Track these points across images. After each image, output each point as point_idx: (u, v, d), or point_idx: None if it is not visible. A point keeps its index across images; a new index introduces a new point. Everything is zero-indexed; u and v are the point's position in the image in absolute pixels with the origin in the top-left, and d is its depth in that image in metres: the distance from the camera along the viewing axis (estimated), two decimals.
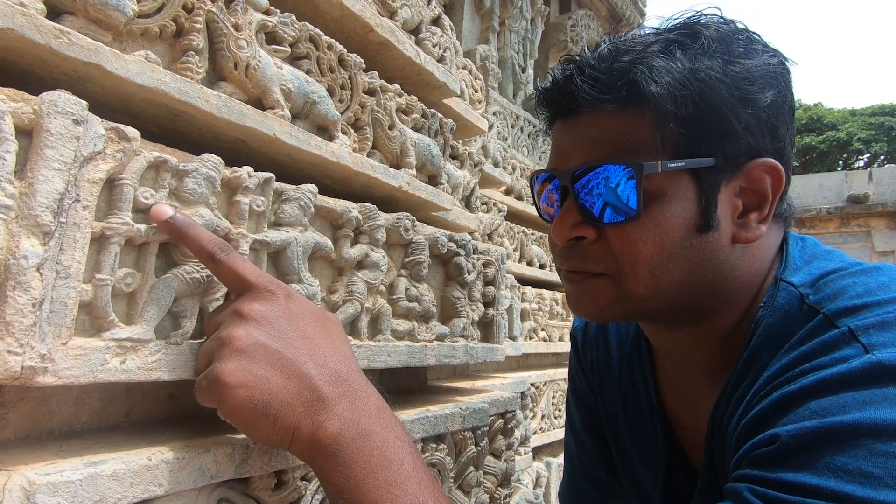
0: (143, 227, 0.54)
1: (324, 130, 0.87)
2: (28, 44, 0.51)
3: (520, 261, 2.76)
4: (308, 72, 0.84)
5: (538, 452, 2.59)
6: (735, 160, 0.60)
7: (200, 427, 0.64)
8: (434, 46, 1.19)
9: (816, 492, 0.46)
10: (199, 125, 0.69)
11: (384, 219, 0.87)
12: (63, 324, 0.47)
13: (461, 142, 1.75)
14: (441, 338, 0.98)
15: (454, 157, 1.64)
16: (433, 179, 1.13)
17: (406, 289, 0.91)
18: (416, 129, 1.08)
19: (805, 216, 11.41)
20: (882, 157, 20.62)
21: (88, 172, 0.50)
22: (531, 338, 2.64)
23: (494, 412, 1.10)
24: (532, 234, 2.89)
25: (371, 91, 0.96)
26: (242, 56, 0.71)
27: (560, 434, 2.64)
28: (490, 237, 2.44)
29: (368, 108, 0.95)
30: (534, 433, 2.45)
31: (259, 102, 0.75)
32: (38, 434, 0.56)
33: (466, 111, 1.48)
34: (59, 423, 0.58)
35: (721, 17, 0.63)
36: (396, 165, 1.00)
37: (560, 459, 2.64)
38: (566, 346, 2.86)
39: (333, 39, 0.89)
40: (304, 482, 0.65)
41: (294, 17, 0.81)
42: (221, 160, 0.62)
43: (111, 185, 0.53)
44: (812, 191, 11.81)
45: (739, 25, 0.63)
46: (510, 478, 1.12)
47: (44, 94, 0.48)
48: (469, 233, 1.35)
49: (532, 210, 2.90)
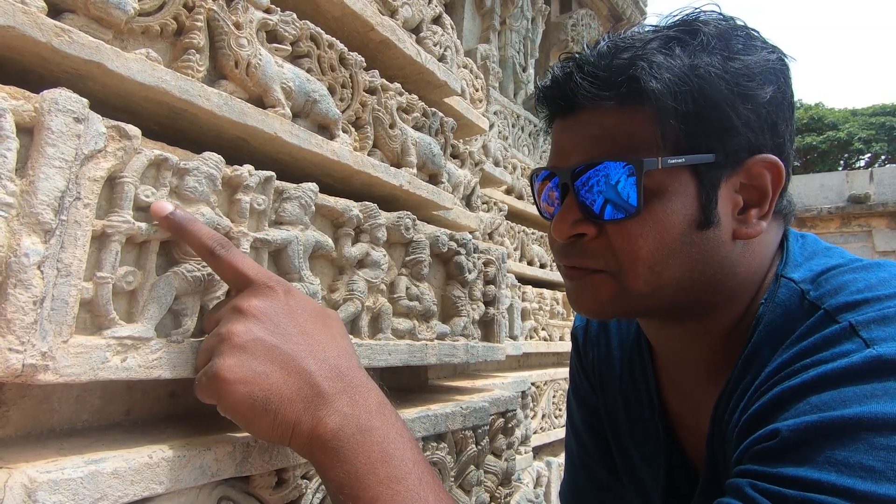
0: (144, 226, 0.54)
1: (325, 129, 0.87)
2: (29, 42, 0.51)
3: (520, 260, 2.76)
4: (309, 70, 0.84)
5: (539, 452, 2.59)
6: (735, 156, 0.60)
7: (201, 425, 0.64)
8: (435, 45, 1.19)
9: (817, 486, 0.45)
10: (200, 123, 0.69)
11: (385, 217, 0.87)
12: (64, 322, 0.47)
13: (462, 141, 1.75)
14: (442, 337, 0.98)
15: (455, 157, 1.64)
16: (434, 178, 1.13)
17: (407, 288, 0.91)
18: (417, 128, 1.08)
19: (806, 216, 11.40)
20: (883, 157, 20.59)
21: (89, 170, 0.50)
22: (532, 337, 2.64)
23: (495, 411, 1.10)
24: (533, 234, 2.89)
25: (372, 90, 0.96)
26: (243, 54, 0.71)
27: (560, 433, 2.64)
28: (491, 236, 2.44)
29: (369, 107, 0.95)
30: (534, 432, 2.45)
31: (260, 101, 0.75)
32: (40, 432, 0.56)
33: (467, 110, 1.48)
34: (60, 421, 0.58)
35: (720, 14, 0.63)
36: (397, 164, 1.00)
37: (560, 459, 2.64)
38: (567, 346, 2.86)
39: (334, 38, 0.89)
40: (305, 480, 0.65)
41: (295, 16, 0.81)
42: (222, 158, 0.63)
43: (112, 184, 0.53)
44: (813, 191, 11.80)
45: (738, 22, 0.63)
46: (511, 477, 1.12)
47: (45, 92, 0.48)
48: (470, 232, 1.35)
49: (533, 209, 2.90)
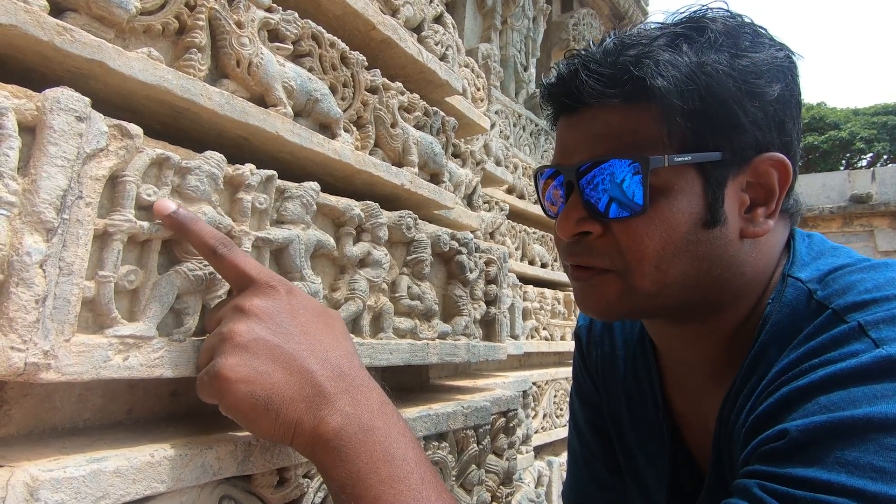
0: (146, 225, 0.54)
1: (326, 128, 0.87)
2: (31, 40, 0.51)
3: (521, 260, 2.76)
4: (310, 69, 0.84)
5: (540, 451, 2.59)
6: (742, 154, 0.59)
7: (203, 424, 0.64)
8: (436, 44, 1.19)
9: (827, 487, 0.45)
10: (202, 122, 0.69)
11: (386, 217, 0.87)
12: (66, 320, 0.47)
13: (463, 140, 1.75)
14: (443, 336, 0.98)
15: (456, 156, 1.64)
16: (435, 178, 1.12)
17: (408, 287, 0.91)
18: (419, 128, 1.08)
19: (808, 216, 11.38)
20: (885, 157, 20.55)
21: (91, 169, 0.50)
22: (533, 337, 2.64)
23: (496, 410, 1.09)
24: (534, 233, 2.88)
25: (373, 89, 0.96)
26: (245, 53, 0.71)
27: (562, 433, 2.64)
28: (492, 236, 2.44)
29: (371, 106, 0.95)
30: (535, 432, 2.45)
31: (261, 100, 0.75)
32: (42, 431, 0.56)
33: (468, 109, 1.48)
34: (62, 420, 0.58)
35: (727, 11, 0.63)
36: (399, 164, 1.00)
37: (562, 458, 2.64)
38: (568, 346, 2.86)
39: (336, 37, 0.89)
40: (307, 479, 0.65)
41: (296, 15, 0.81)
42: (224, 157, 0.62)
43: (114, 182, 0.53)
44: (815, 190, 11.78)
45: (746, 19, 0.62)
46: (512, 476, 1.11)
47: (47, 91, 0.48)
48: (471, 231, 1.35)
49: (534, 209, 2.90)
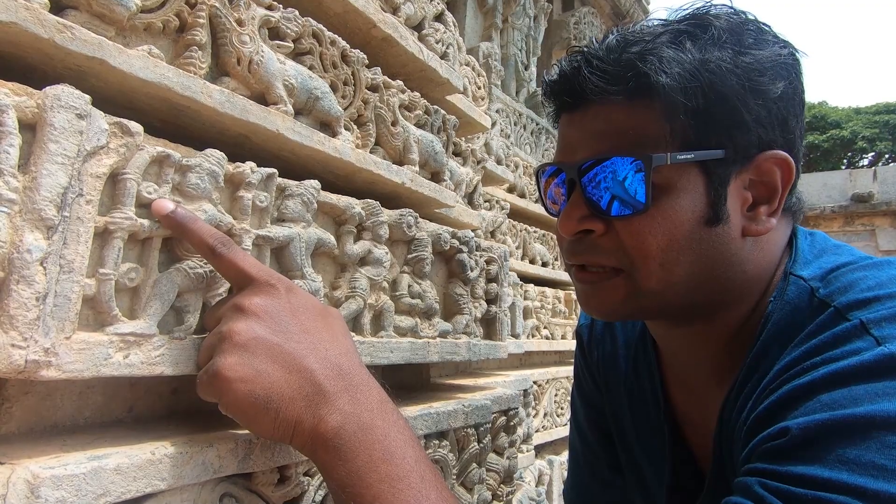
0: (147, 222, 0.54)
1: (327, 126, 0.87)
2: (31, 38, 0.51)
3: (522, 258, 2.75)
4: (311, 68, 0.84)
5: (540, 450, 2.59)
6: (745, 152, 0.59)
7: (203, 422, 0.64)
8: (437, 43, 1.18)
9: (828, 485, 0.45)
10: (203, 120, 0.69)
11: (387, 215, 0.87)
12: (66, 318, 0.47)
13: (464, 139, 1.75)
14: (444, 334, 0.98)
15: (457, 154, 1.64)
16: (436, 176, 1.12)
17: (409, 285, 0.91)
18: (419, 126, 1.08)
19: (809, 215, 11.36)
20: (887, 156, 20.51)
21: (92, 167, 0.50)
22: (534, 336, 2.64)
23: (497, 409, 1.09)
24: (535, 232, 2.88)
25: (374, 87, 0.96)
26: (245, 51, 0.71)
27: (562, 432, 2.64)
28: (493, 235, 2.44)
29: (371, 105, 0.95)
30: (536, 431, 2.45)
31: (262, 98, 0.75)
32: (42, 428, 0.56)
33: (469, 108, 1.48)
34: (63, 418, 0.58)
35: (731, 8, 0.62)
36: (399, 162, 1.00)
37: (562, 457, 2.64)
38: (569, 345, 2.86)
39: (336, 35, 0.89)
40: (307, 477, 0.65)
41: (297, 13, 0.81)
42: (224, 155, 0.62)
43: (114, 180, 0.53)
44: (816, 189, 11.76)
45: (749, 16, 0.62)
46: (513, 475, 1.11)
47: (47, 89, 0.48)
48: (472, 230, 1.35)
49: (535, 208, 2.90)
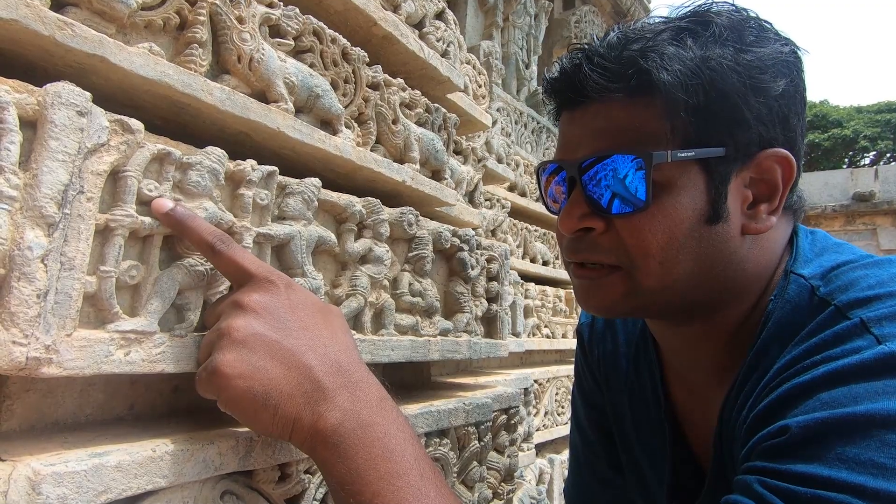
0: (147, 220, 0.54)
1: (327, 124, 0.87)
2: (32, 35, 0.51)
3: (523, 257, 2.75)
4: (311, 65, 0.84)
5: (541, 449, 2.59)
6: (746, 150, 0.59)
7: (204, 420, 0.64)
8: (438, 41, 1.18)
9: (827, 483, 0.45)
10: (203, 118, 0.69)
11: (388, 213, 0.87)
12: (67, 315, 0.47)
13: (465, 137, 1.74)
14: (444, 333, 0.98)
15: (458, 153, 1.63)
16: (437, 174, 1.12)
17: (409, 283, 0.91)
18: (420, 124, 1.08)
19: (810, 214, 11.34)
20: (888, 155, 20.48)
21: (92, 164, 0.50)
22: (534, 334, 2.64)
23: (498, 408, 1.09)
24: (535, 231, 2.88)
25: (375, 85, 0.96)
26: (246, 49, 0.71)
27: (563, 431, 2.65)
28: (493, 233, 2.44)
29: (372, 103, 0.95)
30: (537, 430, 2.45)
31: (263, 96, 0.75)
32: (44, 425, 0.56)
33: (470, 106, 1.48)
34: (64, 415, 0.58)
35: (732, 5, 0.62)
36: (400, 160, 1.00)
37: (563, 456, 2.64)
38: (569, 343, 2.86)
39: (337, 33, 0.89)
40: (308, 475, 0.65)
41: (297, 10, 0.81)
42: (225, 153, 0.62)
43: (115, 178, 0.53)
44: (817, 189, 11.74)
45: (751, 14, 0.62)
46: (513, 473, 1.11)
47: (48, 86, 0.48)
48: (473, 228, 1.34)
49: (535, 207, 2.89)
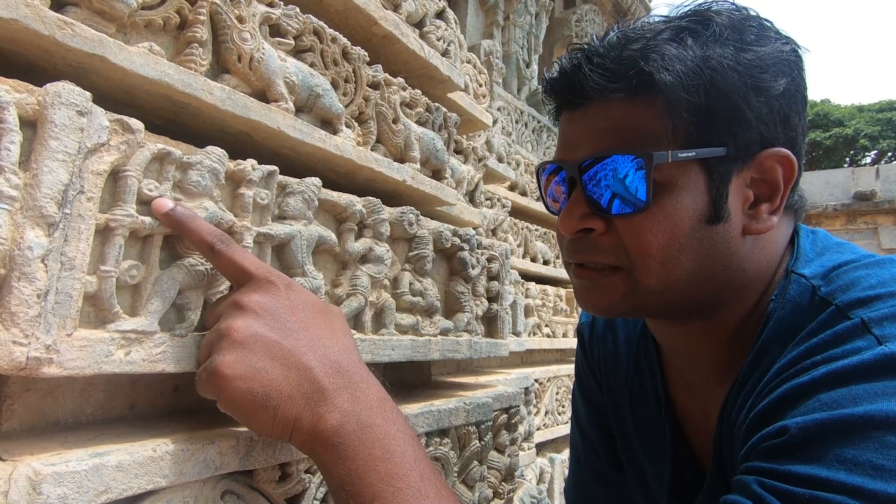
0: (148, 220, 0.54)
1: (328, 124, 0.87)
2: (32, 34, 0.51)
3: (524, 257, 2.75)
4: (312, 65, 0.84)
5: (542, 448, 2.59)
6: (746, 150, 0.59)
7: (205, 419, 0.64)
8: (438, 40, 1.18)
9: (826, 484, 0.45)
10: (203, 118, 0.69)
11: (388, 213, 0.87)
12: (68, 315, 0.47)
13: (465, 136, 1.74)
14: (445, 332, 0.97)
15: (458, 152, 1.63)
16: (437, 174, 1.12)
17: (410, 283, 0.91)
18: (421, 123, 1.08)
19: (811, 213, 11.33)
20: (889, 154, 20.45)
21: (93, 164, 0.50)
22: (535, 334, 2.64)
23: (498, 407, 1.09)
24: (536, 230, 2.88)
25: (375, 84, 0.96)
26: (246, 48, 0.71)
27: (563, 430, 2.65)
28: (494, 233, 2.44)
29: (372, 102, 0.95)
30: (537, 429, 2.45)
31: (263, 95, 0.75)
32: (44, 425, 0.56)
33: (471, 106, 1.48)
34: (65, 415, 0.58)
35: (732, 4, 0.62)
36: (400, 159, 1.00)
37: (563, 455, 2.65)
38: (570, 343, 2.86)
39: (337, 32, 0.89)
40: (309, 475, 0.65)
41: (298, 10, 0.81)
42: (225, 153, 0.62)
43: (115, 177, 0.53)
44: (818, 188, 11.73)
45: (751, 12, 0.62)
46: (514, 473, 1.11)
47: (48, 86, 0.48)
48: (473, 228, 1.34)
49: (536, 206, 2.89)
